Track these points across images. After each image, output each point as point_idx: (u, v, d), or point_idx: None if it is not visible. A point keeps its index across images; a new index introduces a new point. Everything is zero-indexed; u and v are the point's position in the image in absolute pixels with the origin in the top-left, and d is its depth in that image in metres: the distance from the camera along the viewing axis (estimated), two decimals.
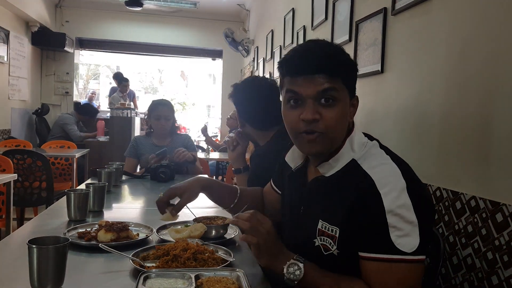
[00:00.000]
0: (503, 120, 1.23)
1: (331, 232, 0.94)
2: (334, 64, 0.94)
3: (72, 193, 1.48)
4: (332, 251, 0.94)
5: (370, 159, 0.94)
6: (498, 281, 1.21)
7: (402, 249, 0.84)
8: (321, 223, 0.96)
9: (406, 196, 0.86)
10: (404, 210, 0.85)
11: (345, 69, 0.96)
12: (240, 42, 6.25)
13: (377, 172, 0.90)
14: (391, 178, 0.88)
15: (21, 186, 3.46)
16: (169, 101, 2.95)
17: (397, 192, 0.86)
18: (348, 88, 0.97)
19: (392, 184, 0.87)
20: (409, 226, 0.84)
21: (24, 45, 5.72)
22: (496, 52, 1.27)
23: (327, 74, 0.92)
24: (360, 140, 0.99)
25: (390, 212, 0.85)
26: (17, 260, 1.07)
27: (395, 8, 1.85)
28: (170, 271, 0.95)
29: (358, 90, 2.39)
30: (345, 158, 0.97)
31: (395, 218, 0.84)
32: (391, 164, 0.92)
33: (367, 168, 0.92)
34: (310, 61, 0.93)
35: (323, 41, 1.00)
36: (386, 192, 0.86)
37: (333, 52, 0.96)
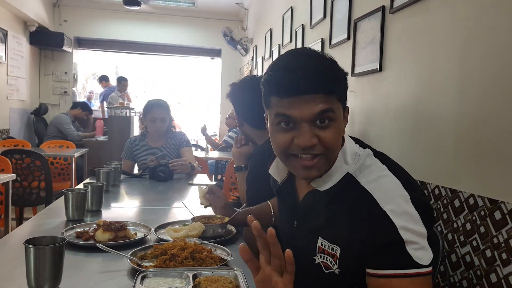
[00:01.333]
0: (501, 117, 1.23)
1: (331, 250, 0.89)
2: (330, 81, 0.85)
3: (70, 193, 1.48)
4: (333, 269, 0.89)
5: (366, 172, 0.89)
6: (496, 279, 1.21)
7: (421, 262, 0.81)
8: (321, 241, 0.91)
9: (412, 208, 0.83)
10: (413, 223, 0.82)
11: (340, 84, 0.89)
12: (238, 41, 6.24)
13: (377, 188, 0.85)
14: (393, 192, 0.84)
15: (20, 186, 3.45)
16: (165, 101, 2.85)
17: (403, 206, 0.83)
18: (342, 102, 0.89)
19: (395, 198, 0.83)
20: (421, 238, 0.82)
21: (22, 45, 5.70)
22: (494, 50, 1.27)
23: (324, 94, 0.83)
24: (352, 150, 0.93)
25: (402, 228, 0.81)
26: (15, 259, 1.07)
27: (393, 6, 1.85)
28: (168, 271, 0.95)
29: (356, 89, 2.38)
30: (340, 172, 0.90)
31: (408, 233, 0.81)
32: (390, 176, 0.87)
33: (365, 183, 0.87)
34: (304, 80, 0.83)
35: (313, 52, 0.89)
36: (392, 209, 0.82)
37: (328, 67, 0.86)
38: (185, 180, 2.48)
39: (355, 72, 2.28)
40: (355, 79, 2.31)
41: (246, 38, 6.26)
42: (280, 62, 0.89)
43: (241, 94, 1.72)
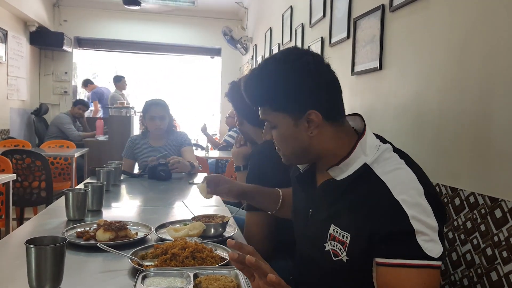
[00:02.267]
0: (501, 116, 1.23)
1: (342, 238, 0.91)
2: (257, 96, 0.98)
3: (71, 193, 1.48)
4: (341, 257, 0.91)
5: (383, 164, 0.91)
6: (497, 277, 1.21)
7: (430, 254, 0.81)
8: (333, 228, 0.93)
9: (425, 201, 0.84)
10: (425, 216, 0.83)
11: (272, 97, 0.95)
12: (238, 40, 6.24)
13: (392, 178, 0.87)
14: (408, 183, 0.86)
15: (21, 186, 3.45)
16: (163, 100, 2.85)
17: (416, 197, 0.84)
18: (284, 111, 0.94)
19: (410, 189, 0.85)
20: (432, 231, 0.83)
21: (22, 45, 5.70)
22: (494, 49, 1.27)
23: (258, 105, 0.98)
24: (372, 143, 0.96)
25: (414, 218, 0.82)
26: (16, 259, 1.07)
27: (393, 5, 1.85)
28: (169, 270, 0.95)
29: (356, 87, 2.38)
30: (357, 162, 0.93)
31: (419, 224, 0.82)
32: (406, 169, 0.90)
33: (380, 173, 0.89)
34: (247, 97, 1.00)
35: (259, 66, 0.98)
36: (404, 198, 0.84)
37: (258, 82, 0.96)
38: (186, 180, 2.48)
39: (355, 71, 2.28)
40: (355, 78, 2.31)
41: (246, 37, 6.26)
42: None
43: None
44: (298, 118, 0.94)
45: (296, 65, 0.93)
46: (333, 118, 0.95)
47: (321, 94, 0.93)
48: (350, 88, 2.38)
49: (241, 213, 1.60)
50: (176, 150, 2.75)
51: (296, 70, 0.93)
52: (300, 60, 0.94)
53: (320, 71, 0.95)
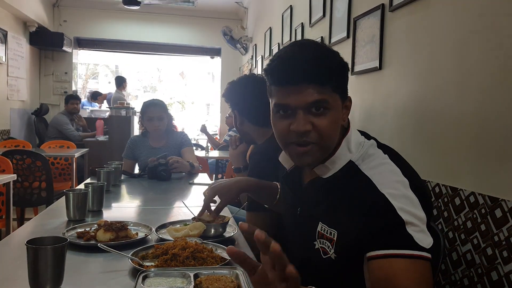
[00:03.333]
0: (501, 115, 1.23)
1: (329, 235, 0.92)
2: (322, 72, 0.88)
3: (71, 193, 1.48)
4: (330, 254, 0.92)
5: (368, 160, 0.92)
6: (497, 277, 1.21)
7: (422, 244, 0.81)
8: (321, 226, 0.94)
9: (411, 193, 0.85)
10: (413, 207, 0.83)
11: (335, 75, 0.92)
12: (238, 40, 6.24)
13: (377, 174, 0.88)
14: (392, 177, 0.87)
15: (21, 186, 3.46)
16: (161, 101, 2.84)
17: (402, 190, 0.85)
18: (339, 93, 0.93)
19: (395, 183, 0.86)
20: (421, 222, 0.83)
21: (22, 45, 5.70)
22: (495, 48, 1.27)
23: (317, 84, 0.87)
24: (357, 140, 0.96)
25: (401, 209, 0.82)
26: (17, 260, 1.07)
27: (393, 5, 1.85)
28: (169, 270, 0.95)
29: (356, 87, 2.38)
30: (342, 160, 0.94)
31: (408, 215, 0.82)
32: (390, 163, 0.90)
33: (365, 169, 0.90)
34: (296, 71, 0.87)
35: (310, 43, 0.93)
36: (390, 192, 0.84)
37: (321, 57, 0.90)
38: (186, 180, 2.48)
39: (354, 70, 2.28)
40: (355, 78, 2.31)
41: (246, 37, 6.26)
42: (279, 52, 0.94)
43: (242, 90, 1.71)
44: (343, 101, 0.95)
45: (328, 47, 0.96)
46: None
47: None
48: (350, 88, 2.37)
49: (241, 213, 1.61)
50: (176, 150, 2.75)
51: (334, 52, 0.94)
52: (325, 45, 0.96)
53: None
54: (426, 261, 0.81)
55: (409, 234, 0.81)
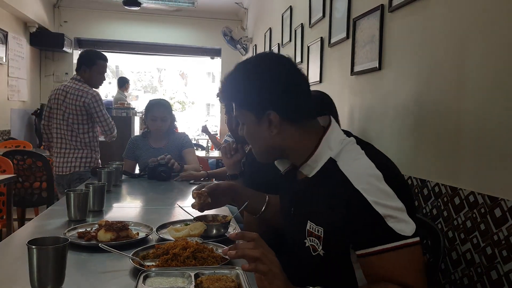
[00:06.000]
0: (501, 115, 1.23)
1: (317, 232, 0.95)
2: (224, 94, 1.05)
3: (72, 193, 1.48)
4: (318, 251, 0.95)
5: (345, 156, 0.95)
6: (497, 276, 1.21)
7: (404, 233, 0.85)
8: (309, 224, 0.98)
9: (386, 185, 0.88)
10: (389, 199, 0.87)
11: (235, 93, 1.02)
12: (238, 40, 6.24)
13: (351, 170, 0.91)
14: (366, 172, 0.90)
15: (22, 187, 3.46)
16: (167, 101, 2.85)
17: (375, 184, 0.88)
18: (250, 110, 1.00)
19: (368, 178, 0.89)
20: (399, 212, 0.86)
21: (23, 46, 5.71)
22: (494, 48, 1.27)
23: (226, 104, 1.08)
24: (338, 138, 0.99)
25: (377, 204, 0.86)
26: (18, 260, 1.08)
27: (392, 5, 1.85)
28: (170, 270, 0.96)
29: (356, 87, 2.38)
30: (323, 157, 0.97)
31: (384, 208, 0.86)
32: (364, 158, 0.93)
33: (342, 166, 0.93)
34: (221, 93, 1.08)
35: (234, 67, 1.04)
36: (364, 188, 0.87)
37: (227, 80, 1.03)
38: (186, 180, 2.48)
39: (354, 71, 2.28)
40: (354, 78, 2.32)
41: (246, 37, 6.26)
42: None
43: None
44: (260, 117, 0.99)
45: (260, 68, 1.00)
46: (294, 119, 0.99)
47: (281, 96, 0.97)
48: (350, 88, 2.38)
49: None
50: (177, 151, 2.75)
51: (259, 73, 0.99)
52: (265, 64, 1.01)
53: (282, 75, 0.99)
54: (411, 247, 0.85)
55: (389, 228, 0.85)
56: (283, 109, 0.97)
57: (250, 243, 0.82)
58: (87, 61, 2.78)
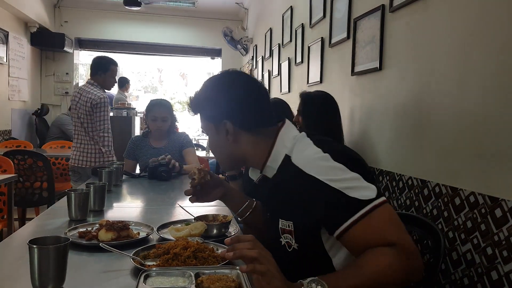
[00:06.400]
0: (501, 115, 1.23)
1: (288, 227, 1.00)
2: (192, 105, 1.13)
3: (73, 193, 1.49)
4: (293, 245, 1.00)
5: (296, 150, 1.02)
6: (497, 276, 1.21)
7: (368, 198, 0.89)
8: (281, 222, 1.02)
9: (335, 162, 0.93)
10: (341, 173, 0.91)
11: (199, 106, 1.12)
12: (238, 40, 6.24)
13: (301, 159, 0.98)
14: (314, 157, 0.96)
15: (22, 187, 3.47)
16: (168, 101, 2.84)
17: (325, 164, 0.93)
18: (210, 121, 1.11)
19: (317, 161, 0.95)
20: (356, 181, 0.91)
21: (23, 46, 5.71)
22: (494, 48, 1.27)
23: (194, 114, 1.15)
24: (291, 135, 1.06)
25: (332, 181, 0.90)
26: (19, 260, 1.08)
27: (393, 5, 1.85)
28: (171, 270, 0.96)
29: (357, 88, 2.38)
30: (280, 156, 1.04)
31: (340, 183, 0.90)
32: (311, 147, 0.99)
33: (294, 159, 1.00)
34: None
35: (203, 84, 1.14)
36: (316, 171, 0.93)
37: (195, 94, 1.13)
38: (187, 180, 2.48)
39: (355, 71, 2.29)
40: (355, 78, 2.32)
41: (246, 37, 6.26)
42: None
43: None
44: (218, 127, 1.09)
45: (218, 81, 1.12)
46: (247, 128, 1.07)
47: (235, 108, 1.06)
48: (350, 88, 2.39)
49: None
50: (177, 151, 2.75)
51: (217, 86, 1.11)
52: (224, 80, 1.11)
53: (238, 89, 1.08)
54: (380, 207, 0.89)
55: (352, 198, 0.89)
56: (237, 119, 1.06)
57: (247, 243, 0.83)
58: (103, 67, 3.05)
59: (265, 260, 0.81)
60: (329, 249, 0.98)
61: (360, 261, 0.87)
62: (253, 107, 1.07)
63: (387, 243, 0.86)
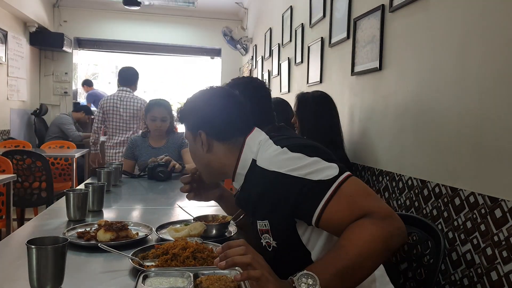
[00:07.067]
0: (501, 115, 1.23)
1: (264, 227, 1.02)
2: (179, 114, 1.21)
3: (71, 193, 1.48)
4: (272, 244, 1.02)
5: (260, 153, 1.06)
6: (497, 277, 1.21)
7: (332, 176, 0.90)
8: (258, 223, 1.04)
9: (292, 153, 0.96)
10: (300, 161, 0.94)
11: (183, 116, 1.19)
12: (238, 40, 6.24)
13: (263, 160, 1.02)
14: (273, 154, 1.00)
15: (21, 187, 3.46)
16: (167, 101, 2.83)
17: (283, 157, 0.97)
18: (190, 130, 1.17)
19: (275, 157, 0.98)
20: (315, 165, 0.92)
21: (22, 46, 5.71)
22: (494, 48, 1.27)
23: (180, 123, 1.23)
24: (256, 140, 1.10)
25: (292, 170, 0.93)
26: (17, 260, 1.08)
27: (393, 5, 1.85)
28: (170, 270, 0.96)
29: (356, 88, 2.38)
30: (248, 161, 1.08)
31: (301, 170, 0.92)
32: (272, 146, 1.04)
33: (259, 162, 1.04)
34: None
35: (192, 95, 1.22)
36: (277, 166, 0.96)
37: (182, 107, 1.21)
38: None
39: (355, 71, 2.28)
40: (355, 78, 2.32)
41: (246, 37, 6.26)
42: None
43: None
44: (194, 136, 1.15)
45: (199, 95, 1.19)
46: (221, 138, 1.12)
47: (209, 119, 1.12)
48: (350, 88, 2.38)
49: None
50: (176, 151, 2.75)
51: (197, 99, 1.18)
52: (204, 92, 1.19)
53: (213, 102, 1.15)
54: (346, 182, 0.90)
55: (318, 180, 0.90)
56: (210, 130, 1.12)
57: (239, 249, 0.82)
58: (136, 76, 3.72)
59: (258, 265, 0.80)
60: (307, 243, 0.99)
61: (341, 241, 0.87)
62: (224, 119, 1.13)
63: (362, 213, 0.87)
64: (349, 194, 0.89)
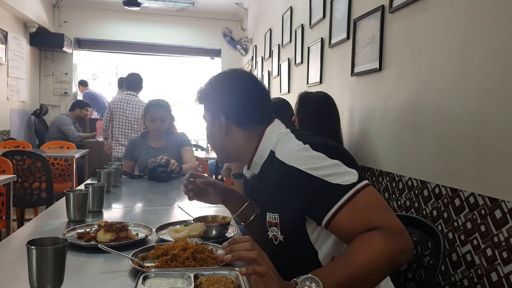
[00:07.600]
0: (501, 116, 1.23)
1: (274, 220, 1.02)
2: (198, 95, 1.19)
3: (71, 194, 1.48)
4: (279, 237, 1.02)
5: (279, 145, 1.05)
6: (497, 278, 1.21)
7: (350, 182, 0.90)
8: (268, 215, 1.04)
9: (314, 152, 0.95)
10: (321, 161, 0.93)
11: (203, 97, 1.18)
12: (238, 41, 6.24)
13: (283, 153, 1.01)
14: (294, 149, 0.98)
15: (21, 187, 3.46)
16: (166, 101, 2.82)
17: (304, 154, 0.95)
18: (207, 110, 1.17)
19: (297, 153, 0.97)
20: (336, 168, 0.92)
21: (23, 46, 5.71)
22: (494, 49, 1.27)
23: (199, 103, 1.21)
24: (276, 132, 1.09)
25: (312, 170, 0.92)
26: (17, 261, 1.08)
27: (393, 6, 1.85)
28: (170, 271, 0.96)
29: (356, 88, 2.38)
30: (266, 152, 1.07)
31: (320, 170, 0.91)
32: (292, 140, 1.03)
33: (278, 154, 1.03)
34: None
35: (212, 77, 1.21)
36: (297, 162, 0.95)
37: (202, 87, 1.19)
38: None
39: (354, 71, 2.28)
40: (355, 79, 2.32)
41: (246, 38, 6.26)
42: None
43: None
44: (213, 119, 1.14)
45: (222, 77, 1.17)
46: (241, 123, 1.11)
47: (231, 102, 1.11)
48: (350, 89, 2.38)
49: None
50: (175, 151, 2.75)
51: (220, 80, 1.16)
52: (227, 75, 1.16)
53: (237, 87, 1.13)
54: (363, 191, 0.89)
55: (335, 184, 0.90)
56: (230, 114, 1.11)
57: (245, 245, 0.82)
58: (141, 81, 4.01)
59: (263, 262, 0.81)
60: (315, 242, 0.98)
61: (349, 249, 0.87)
62: (248, 105, 1.11)
63: (373, 226, 0.87)
64: (363, 204, 0.89)
